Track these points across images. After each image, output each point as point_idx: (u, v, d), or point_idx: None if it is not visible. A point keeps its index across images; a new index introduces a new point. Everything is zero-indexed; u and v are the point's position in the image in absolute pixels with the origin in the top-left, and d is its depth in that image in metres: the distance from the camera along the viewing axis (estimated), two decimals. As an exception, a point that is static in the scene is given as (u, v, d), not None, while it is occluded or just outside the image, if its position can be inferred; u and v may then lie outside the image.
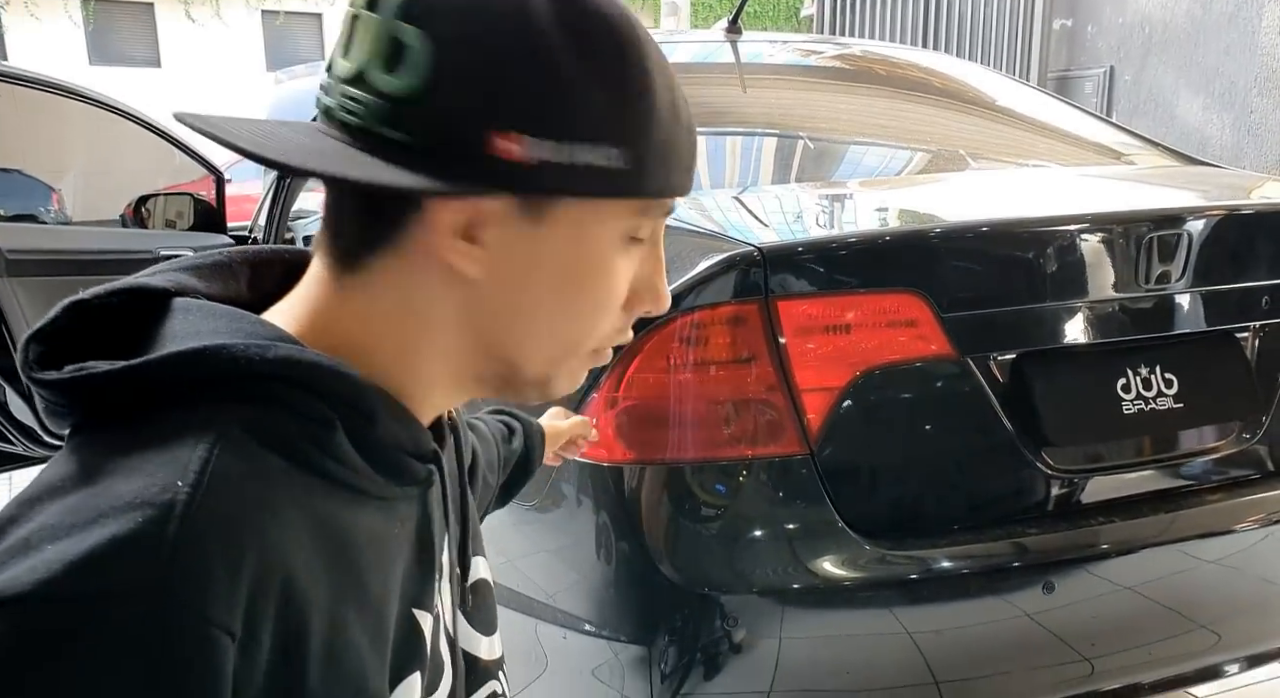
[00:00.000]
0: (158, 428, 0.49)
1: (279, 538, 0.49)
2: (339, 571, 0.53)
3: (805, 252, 1.32)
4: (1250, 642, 1.56)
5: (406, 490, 0.61)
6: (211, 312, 0.56)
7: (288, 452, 0.52)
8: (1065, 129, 2.15)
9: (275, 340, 0.54)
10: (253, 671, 0.46)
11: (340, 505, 0.55)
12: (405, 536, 0.61)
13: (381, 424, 0.56)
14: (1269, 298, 1.50)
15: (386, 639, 0.57)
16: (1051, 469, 1.38)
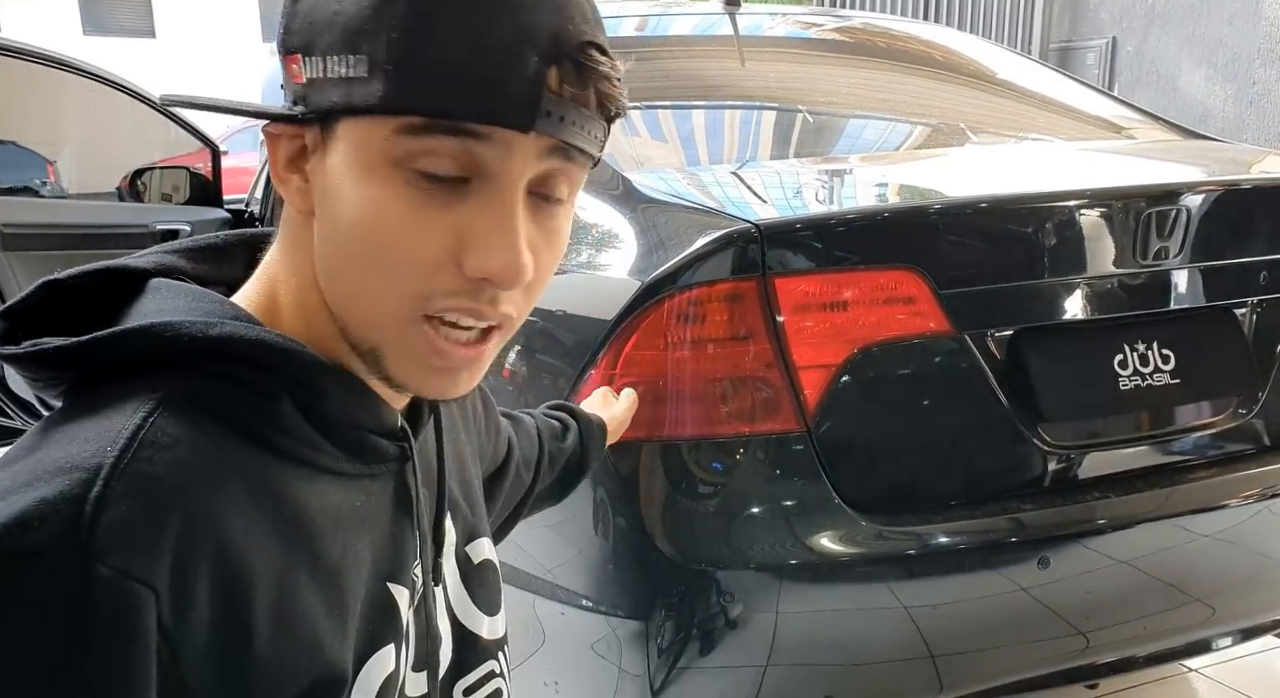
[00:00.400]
0: (102, 398, 0.52)
1: (210, 501, 0.50)
2: (287, 539, 0.54)
3: (803, 228, 1.31)
4: (1244, 615, 1.57)
5: (374, 468, 0.61)
6: (179, 291, 0.58)
7: (230, 421, 0.53)
8: (1065, 103, 2.14)
9: (227, 319, 0.55)
10: (191, 629, 0.48)
11: (290, 477, 0.55)
12: (375, 510, 0.61)
13: (333, 400, 0.57)
14: (1267, 273, 1.50)
15: (347, 609, 0.57)
16: (1048, 445, 1.39)
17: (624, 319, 1.29)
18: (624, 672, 1.32)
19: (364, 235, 0.54)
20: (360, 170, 0.53)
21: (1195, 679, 2.08)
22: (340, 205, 0.54)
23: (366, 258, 0.54)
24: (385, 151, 0.52)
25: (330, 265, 0.57)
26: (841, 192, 1.57)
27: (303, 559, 0.55)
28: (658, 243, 1.36)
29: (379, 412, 0.60)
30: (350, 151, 0.53)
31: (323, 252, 0.57)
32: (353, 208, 0.54)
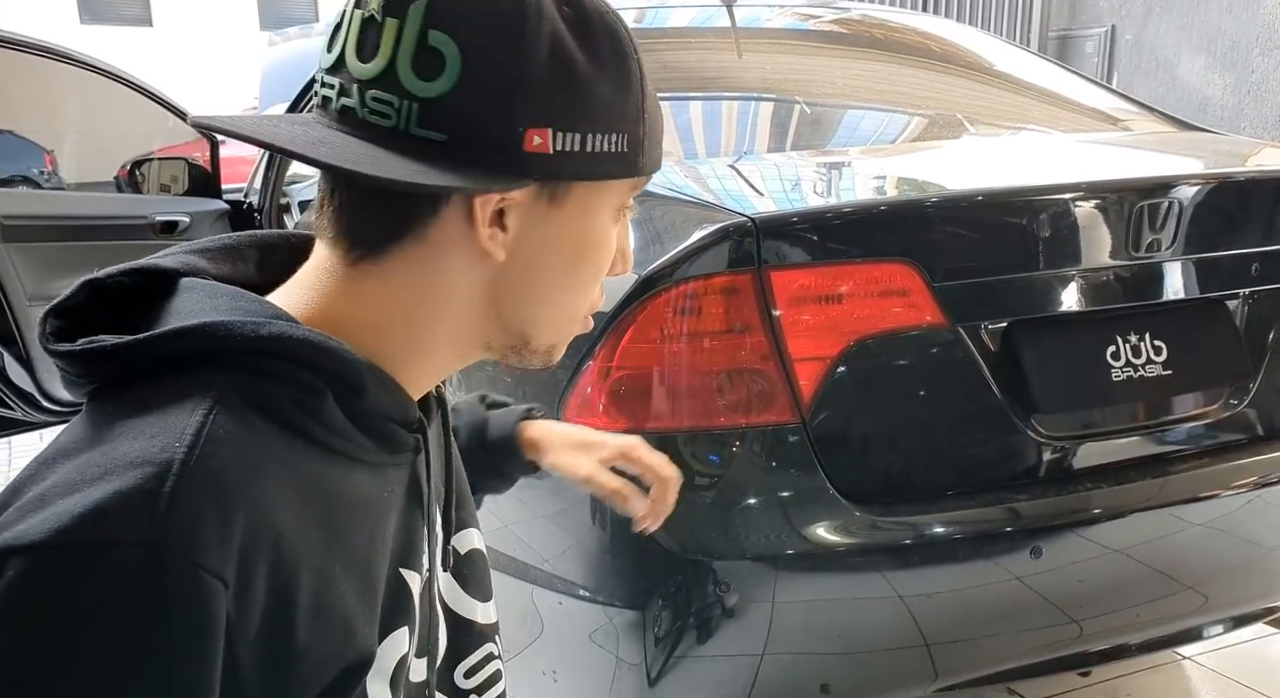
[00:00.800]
0: (161, 395, 0.54)
1: (268, 496, 0.53)
2: (327, 528, 0.57)
3: (798, 222, 1.32)
4: (1235, 603, 1.59)
5: (396, 458, 0.65)
6: (215, 291, 0.61)
7: (279, 417, 0.56)
8: (1061, 94, 2.14)
9: (271, 318, 0.58)
10: (248, 619, 0.51)
11: (329, 469, 0.59)
12: (394, 499, 0.65)
13: (370, 396, 0.60)
14: (1259, 265, 1.51)
15: (376, 594, 0.61)
16: (1041, 436, 1.40)
17: (621, 312, 1.30)
18: (621, 661, 1.34)
19: (586, 267, 0.66)
20: (596, 219, 0.64)
21: (1189, 667, 2.10)
22: (560, 247, 0.64)
23: (580, 282, 0.66)
24: (617, 202, 0.66)
25: (529, 295, 0.65)
26: (837, 185, 1.57)
27: (338, 548, 0.58)
28: (654, 236, 1.37)
29: (405, 405, 0.64)
30: (589, 205, 0.63)
31: (518, 283, 0.64)
32: (578, 247, 0.65)
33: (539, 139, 0.58)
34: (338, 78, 0.60)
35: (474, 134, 0.58)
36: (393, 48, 0.57)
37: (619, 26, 0.62)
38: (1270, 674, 2.07)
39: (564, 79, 0.59)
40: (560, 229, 0.63)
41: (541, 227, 0.62)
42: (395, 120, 0.57)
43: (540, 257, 0.63)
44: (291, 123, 0.62)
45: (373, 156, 0.57)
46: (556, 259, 0.64)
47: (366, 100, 0.58)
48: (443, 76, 0.57)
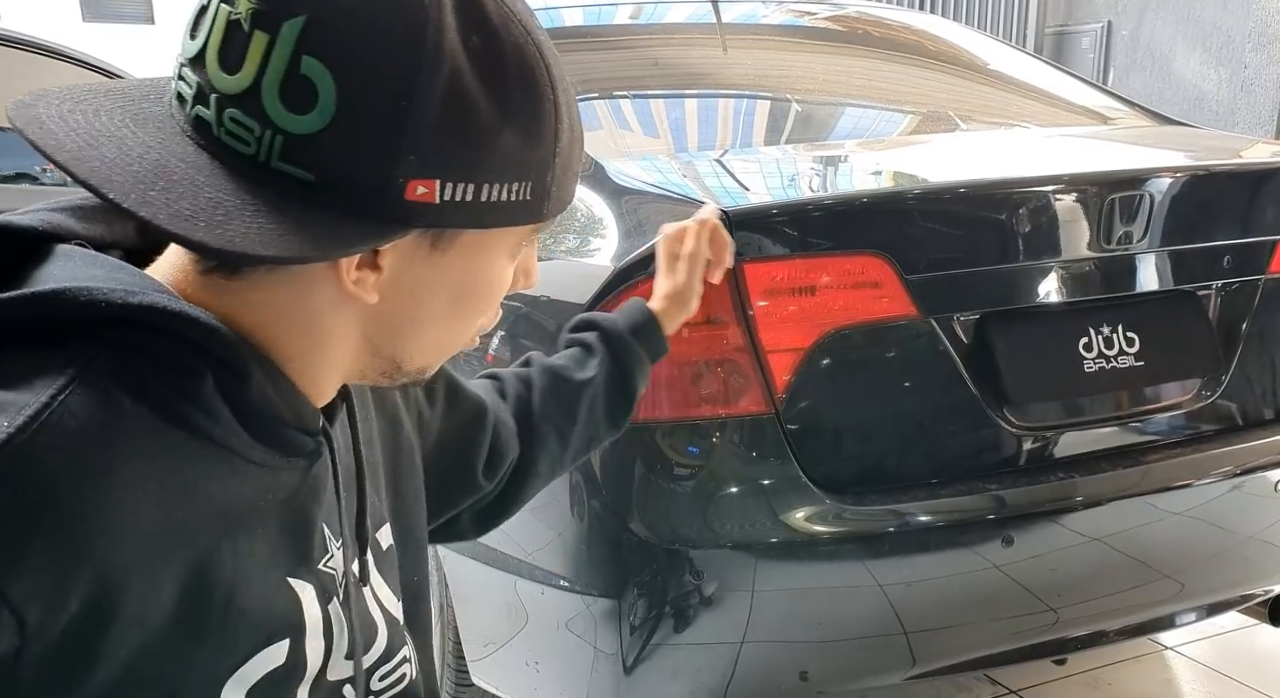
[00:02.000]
0: (15, 368, 0.49)
1: (107, 493, 0.48)
2: (178, 534, 0.52)
3: (771, 215, 1.34)
4: (1210, 591, 1.61)
5: (290, 461, 0.59)
6: (94, 260, 0.54)
7: (151, 399, 0.51)
8: (1046, 91, 2.15)
9: (149, 290, 0.52)
10: (46, 631, 0.47)
11: (203, 465, 0.53)
12: (276, 504, 0.59)
13: (255, 386, 0.55)
14: (1230, 257, 1.52)
15: (229, 606, 0.55)
16: (1014, 427, 1.41)
17: (597, 303, 1.32)
18: (599, 651, 1.36)
19: (471, 306, 0.62)
20: (488, 261, 0.60)
21: (1171, 658, 2.12)
22: (449, 284, 0.59)
23: (464, 319, 0.63)
24: (515, 243, 0.61)
25: (402, 331, 0.60)
26: (811, 179, 1.59)
27: (189, 556, 0.53)
28: (630, 229, 1.39)
29: (299, 406, 0.59)
30: (480, 250, 0.59)
31: (391, 321, 0.59)
32: (463, 289, 0.60)
33: (423, 189, 0.52)
34: (196, 76, 0.52)
35: (346, 178, 0.51)
36: (259, 67, 0.50)
37: (536, 64, 0.55)
38: (1252, 665, 2.09)
39: (460, 128, 0.52)
40: (443, 272, 0.58)
41: (422, 270, 0.57)
42: (255, 150, 0.50)
43: (418, 297, 0.59)
44: (138, 126, 0.53)
45: (214, 202, 0.49)
46: (437, 300, 0.59)
47: (224, 119, 0.51)
48: (314, 112, 0.50)
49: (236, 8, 0.50)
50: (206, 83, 0.51)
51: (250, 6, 0.50)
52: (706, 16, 2.18)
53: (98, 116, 0.53)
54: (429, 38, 0.51)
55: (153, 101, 0.55)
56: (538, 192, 0.57)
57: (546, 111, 0.56)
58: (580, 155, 0.61)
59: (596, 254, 1.42)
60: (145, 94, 0.56)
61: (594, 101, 1.81)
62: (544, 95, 0.56)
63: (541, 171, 0.57)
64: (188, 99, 0.52)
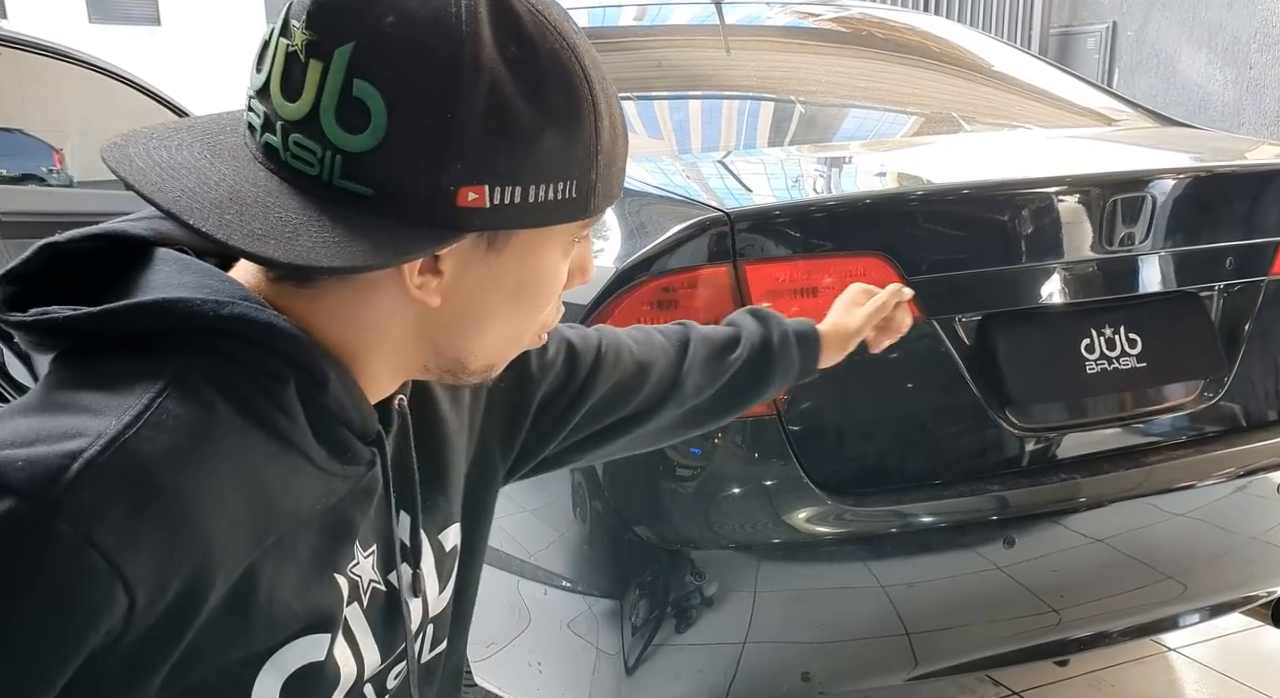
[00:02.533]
0: (118, 371, 0.53)
1: (201, 490, 0.52)
2: (256, 526, 0.56)
3: (773, 216, 1.34)
4: (1213, 592, 1.61)
5: (346, 469, 0.62)
6: (186, 266, 0.59)
7: (240, 402, 0.55)
8: (1050, 92, 2.15)
9: (238, 299, 0.56)
10: (147, 615, 0.50)
11: (278, 464, 0.57)
12: (335, 506, 0.62)
13: (332, 392, 0.59)
14: (1233, 258, 1.52)
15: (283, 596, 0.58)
16: (1016, 428, 1.42)
17: (599, 305, 1.32)
18: (601, 651, 1.36)
19: (530, 303, 0.64)
20: (543, 258, 0.62)
21: (1174, 659, 2.12)
22: (502, 288, 0.62)
23: (524, 315, 0.65)
24: (568, 240, 0.63)
25: (465, 330, 0.63)
26: (814, 180, 1.59)
27: (262, 548, 0.56)
28: (633, 230, 1.39)
29: (365, 411, 0.62)
30: (535, 248, 0.61)
31: (453, 322, 0.62)
32: (521, 286, 0.63)
33: (474, 195, 0.56)
34: (263, 106, 0.57)
35: (401, 190, 0.55)
36: (316, 93, 0.54)
37: (573, 68, 0.58)
38: (1256, 666, 2.09)
39: (503, 134, 0.55)
40: (500, 272, 0.61)
41: (480, 270, 0.60)
42: (318, 170, 0.55)
43: (478, 298, 0.62)
44: (214, 157, 0.58)
45: (283, 220, 0.54)
46: (496, 299, 0.62)
47: (290, 144, 0.55)
48: (368, 131, 0.54)
49: (294, 40, 0.55)
50: (272, 112, 0.56)
51: (305, 38, 0.54)
52: (711, 18, 2.18)
53: (179, 151, 0.58)
54: (467, 52, 0.54)
55: (229, 133, 0.60)
56: (583, 188, 0.60)
57: (585, 112, 0.59)
58: (624, 151, 0.63)
59: (599, 256, 1.42)
60: (222, 127, 0.61)
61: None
62: (582, 96, 0.58)
63: (585, 169, 0.59)
64: (257, 128, 0.57)
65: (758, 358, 1.00)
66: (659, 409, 0.95)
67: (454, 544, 0.78)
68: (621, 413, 0.93)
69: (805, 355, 1.04)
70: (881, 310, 1.11)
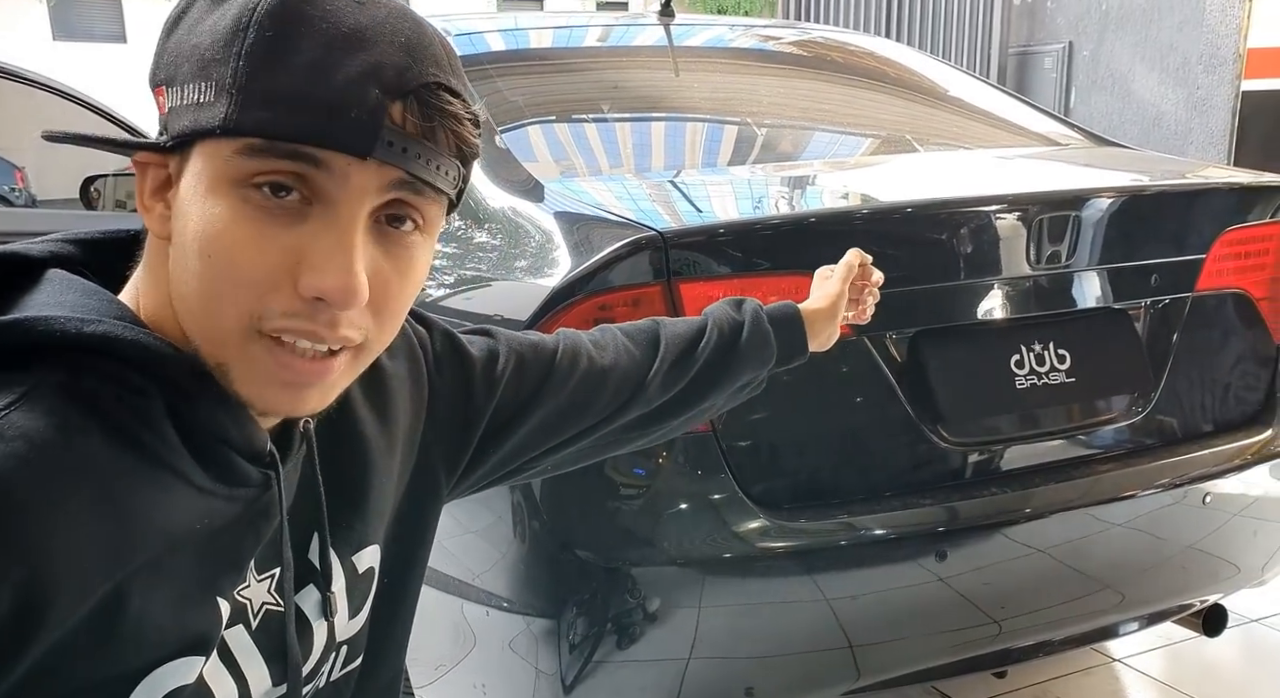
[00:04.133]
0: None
1: (45, 503, 0.51)
2: (112, 545, 0.54)
3: (706, 236, 1.36)
4: (1147, 601, 1.64)
5: (232, 490, 0.61)
6: (70, 286, 0.59)
7: (98, 415, 0.54)
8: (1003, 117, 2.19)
9: (108, 317, 0.56)
10: None
11: (145, 481, 0.56)
12: (218, 528, 0.61)
13: (204, 409, 0.58)
14: (1158, 275, 1.56)
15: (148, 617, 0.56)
16: (947, 442, 1.44)
17: (534, 323, 1.34)
18: (539, 671, 1.37)
19: (206, 251, 0.56)
20: (205, 189, 0.56)
21: (1119, 669, 2.14)
22: (188, 224, 0.57)
23: (207, 274, 0.56)
24: (226, 172, 0.55)
25: (179, 286, 0.58)
26: (751, 200, 1.62)
27: (123, 566, 0.54)
28: (568, 249, 1.41)
29: (248, 430, 0.60)
30: (198, 172, 0.56)
31: (174, 273, 0.58)
32: (196, 225, 0.56)
33: (160, 98, 0.58)
34: None
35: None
36: None
37: None
38: (1199, 676, 2.12)
39: (173, 32, 0.58)
40: (187, 202, 0.57)
41: (183, 202, 0.57)
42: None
43: (181, 235, 0.57)
44: None
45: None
46: (188, 238, 0.57)
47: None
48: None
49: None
50: None
51: None
52: (661, 40, 2.21)
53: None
54: None
55: None
56: (220, 92, 0.55)
57: (243, 14, 0.55)
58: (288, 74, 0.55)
59: (533, 274, 1.44)
60: None
61: (550, 124, 1.84)
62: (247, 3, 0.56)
63: (223, 70, 0.55)
64: None
65: (727, 345, 0.97)
66: (624, 413, 0.93)
67: (369, 566, 0.76)
68: (582, 425, 0.91)
69: (786, 336, 1.01)
70: (850, 271, 1.10)
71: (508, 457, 0.89)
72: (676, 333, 0.97)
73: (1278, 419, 1.65)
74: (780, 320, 1.01)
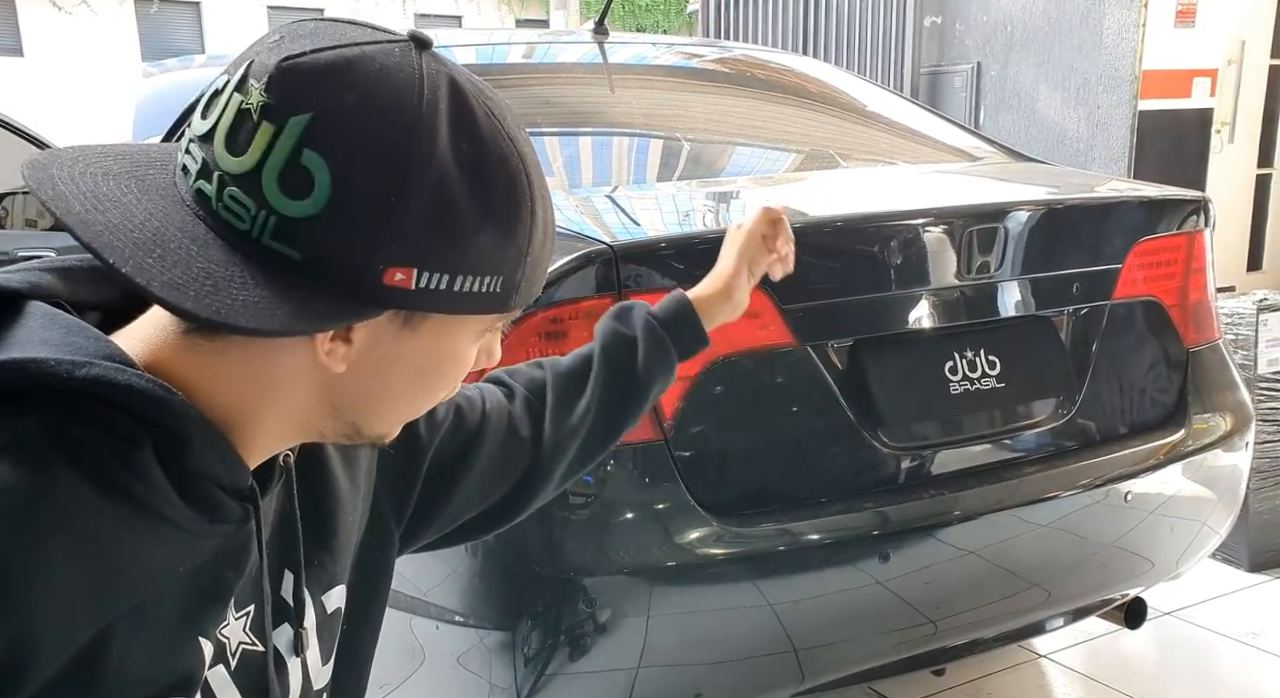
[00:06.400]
0: None
1: (29, 559, 0.50)
2: (107, 596, 0.54)
3: (656, 249, 1.39)
4: (1074, 597, 1.71)
5: (215, 528, 0.61)
6: (53, 321, 0.57)
7: (86, 467, 0.53)
8: (921, 131, 2.28)
9: (99, 358, 0.55)
10: None
11: (130, 529, 0.55)
12: (201, 566, 0.61)
13: (196, 453, 0.57)
14: (1079, 284, 1.64)
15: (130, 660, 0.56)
16: (887, 447, 1.49)
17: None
18: (494, 686, 1.37)
19: (436, 382, 0.66)
20: (454, 343, 0.64)
21: (1046, 665, 2.23)
22: (409, 365, 0.63)
23: (428, 392, 0.66)
24: (483, 329, 0.65)
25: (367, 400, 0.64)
26: (698, 213, 1.65)
27: (106, 615, 0.54)
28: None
29: (236, 469, 0.61)
30: (448, 333, 0.63)
31: (356, 391, 0.63)
32: (429, 366, 0.64)
33: (401, 276, 0.56)
34: (203, 152, 0.56)
35: (331, 260, 0.55)
36: (263, 154, 0.54)
37: (519, 174, 0.59)
38: (1121, 669, 2.21)
39: (443, 226, 0.56)
40: (410, 350, 0.62)
41: (391, 345, 0.61)
42: (249, 227, 0.54)
43: (384, 371, 0.62)
44: (142, 192, 0.56)
45: (205, 272, 0.53)
46: (401, 374, 0.63)
47: (224, 195, 0.55)
48: (309, 199, 0.54)
49: (249, 98, 0.55)
50: (212, 160, 0.56)
51: (261, 100, 0.54)
52: (596, 56, 2.24)
53: (106, 181, 0.56)
54: (422, 144, 0.55)
55: (158, 169, 0.59)
56: (507, 285, 0.61)
57: (524, 217, 0.60)
58: (549, 255, 0.65)
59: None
60: (152, 160, 0.60)
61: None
62: (523, 202, 0.60)
63: (513, 268, 0.61)
64: (192, 172, 0.56)
65: (624, 363, 0.95)
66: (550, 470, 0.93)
67: (337, 606, 0.76)
68: (507, 487, 0.91)
69: (681, 333, 0.98)
70: (751, 240, 1.04)
71: (456, 509, 0.88)
72: (564, 373, 0.96)
73: (1189, 420, 1.74)
74: (672, 319, 0.98)
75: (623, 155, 1.95)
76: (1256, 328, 2.52)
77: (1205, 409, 1.77)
